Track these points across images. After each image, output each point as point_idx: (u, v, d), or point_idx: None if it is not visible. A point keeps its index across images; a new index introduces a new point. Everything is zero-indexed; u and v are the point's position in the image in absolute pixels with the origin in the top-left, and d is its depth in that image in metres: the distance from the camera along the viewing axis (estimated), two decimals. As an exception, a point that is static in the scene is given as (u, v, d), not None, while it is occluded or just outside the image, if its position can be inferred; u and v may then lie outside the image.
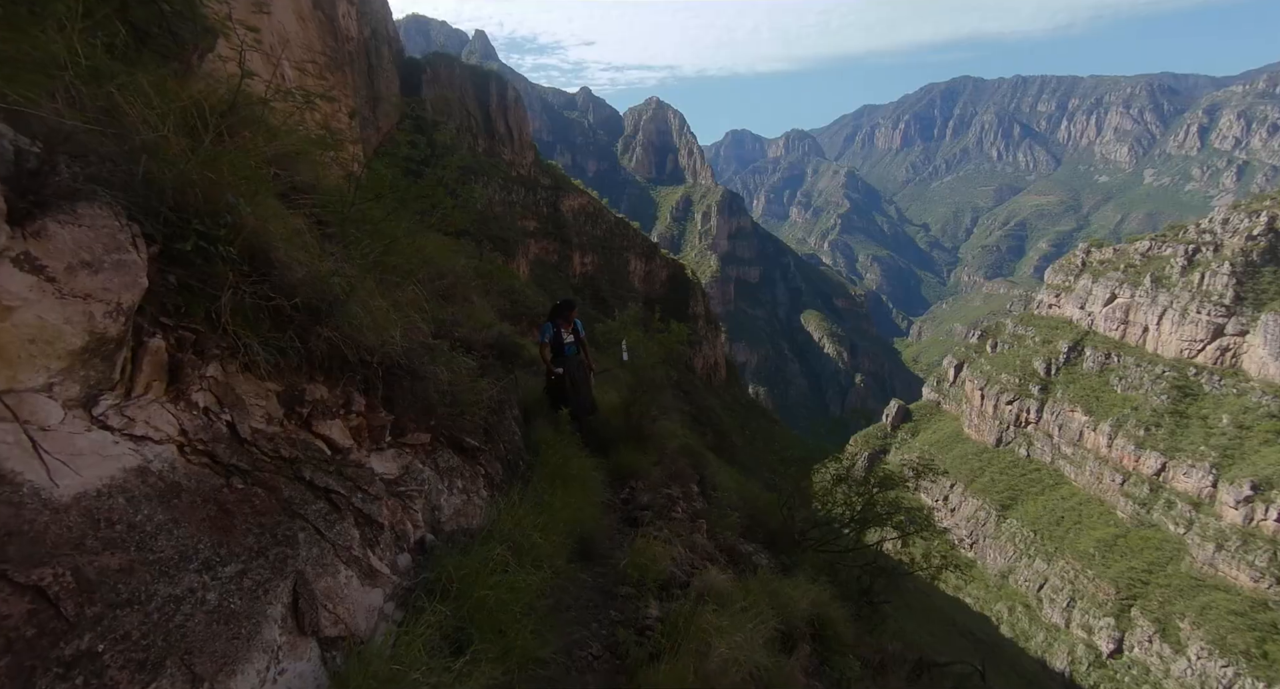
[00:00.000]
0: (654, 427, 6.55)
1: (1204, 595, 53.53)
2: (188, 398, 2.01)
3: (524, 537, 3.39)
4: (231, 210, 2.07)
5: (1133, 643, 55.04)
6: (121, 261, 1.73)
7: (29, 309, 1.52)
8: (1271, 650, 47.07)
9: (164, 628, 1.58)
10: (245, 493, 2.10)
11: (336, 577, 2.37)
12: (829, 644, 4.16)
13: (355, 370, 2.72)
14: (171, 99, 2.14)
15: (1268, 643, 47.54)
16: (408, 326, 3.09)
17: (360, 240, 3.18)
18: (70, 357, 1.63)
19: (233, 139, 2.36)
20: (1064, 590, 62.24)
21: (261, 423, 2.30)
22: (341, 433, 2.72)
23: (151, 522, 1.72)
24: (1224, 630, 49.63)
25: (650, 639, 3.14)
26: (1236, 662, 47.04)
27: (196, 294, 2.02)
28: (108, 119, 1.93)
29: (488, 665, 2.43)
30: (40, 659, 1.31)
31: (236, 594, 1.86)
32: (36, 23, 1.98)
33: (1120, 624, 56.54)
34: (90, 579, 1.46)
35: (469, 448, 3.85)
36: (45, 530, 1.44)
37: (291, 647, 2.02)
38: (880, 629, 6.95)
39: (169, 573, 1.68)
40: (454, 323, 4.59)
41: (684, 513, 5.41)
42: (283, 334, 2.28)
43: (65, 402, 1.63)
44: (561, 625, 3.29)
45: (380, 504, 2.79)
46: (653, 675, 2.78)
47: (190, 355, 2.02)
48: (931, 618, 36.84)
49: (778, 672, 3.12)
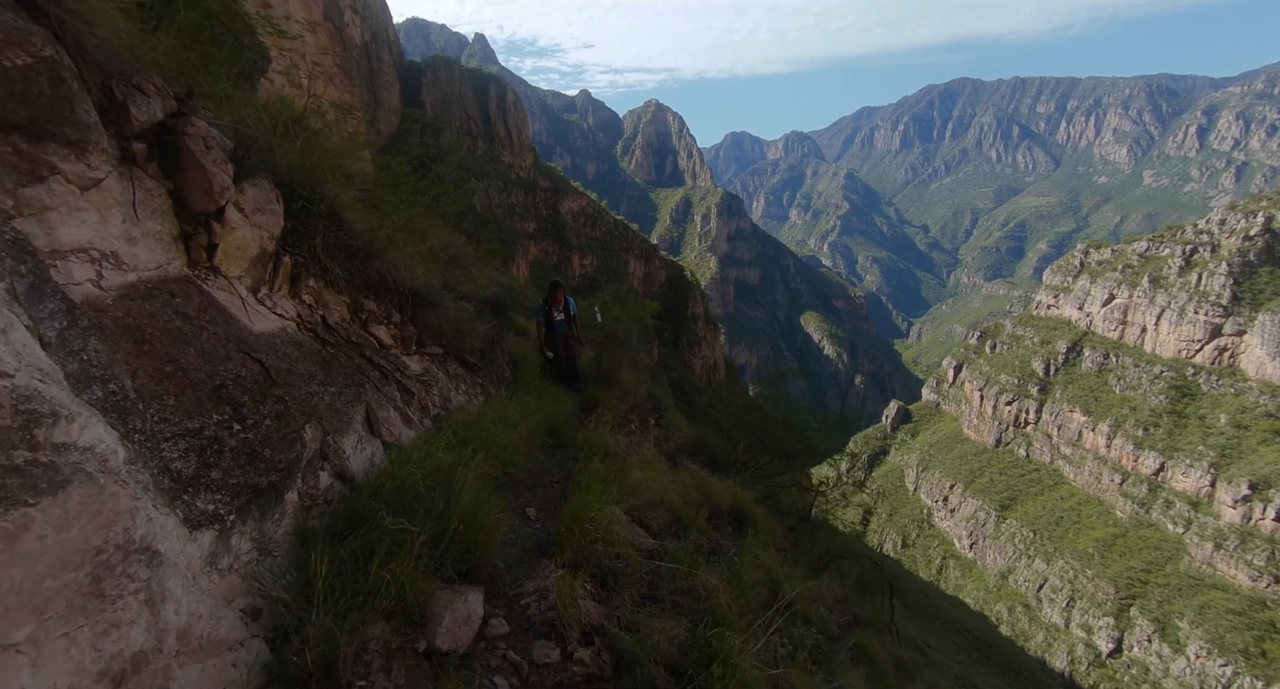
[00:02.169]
0: (619, 373, 7.58)
1: (1203, 594, 53.66)
2: (299, 297, 3.26)
3: (507, 415, 4.80)
4: (321, 186, 3.24)
5: (1132, 642, 55.14)
6: (273, 210, 2.90)
7: (238, 230, 2.69)
8: (1270, 649, 47.17)
9: (309, 403, 2.82)
10: (334, 355, 3.38)
11: (388, 413, 3.69)
12: (746, 529, 4.86)
13: (393, 295, 4.06)
14: (270, 111, 3.38)
15: (1266, 641, 47.64)
16: (426, 272, 4.44)
17: (390, 213, 4.44)
18: (250, 261, 2.84)
19: (305, 139, 3.36)
20: (1063, 590, 62.34)
21: (338, 319, 3.57)
22: (386, 335, 4.09)
23: (292, 354, 2.95)
24: (1223, 629, 49.74)
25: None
26: (1235, 660, 47.13)
27: (302, 235, 3.20)
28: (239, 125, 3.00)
29: (483, 456, 3.63)
30: (263, 395, 2.45)
31: (338, 401, 3.15)
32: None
33: (1119, 624, 56.67)
34: (273, 368, 2.65)
35: (470, 364, 5.40)
36: (255, 340, 2.68)
37: (368, 439, 3.39)
38: (811, 548, 7.40)
39: (305, 380, 2.92)
40: (456, 283, 5.91)
41: (636, 428, 6.49)
42: (350, 265, 3.56)
43: (248, 286, 2.85)
44: (533, 464, 4.66)
45: (412, 382, 4.19)
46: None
47: (301, 272, 3.23)
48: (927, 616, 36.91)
49: (685, 510, 3.96)
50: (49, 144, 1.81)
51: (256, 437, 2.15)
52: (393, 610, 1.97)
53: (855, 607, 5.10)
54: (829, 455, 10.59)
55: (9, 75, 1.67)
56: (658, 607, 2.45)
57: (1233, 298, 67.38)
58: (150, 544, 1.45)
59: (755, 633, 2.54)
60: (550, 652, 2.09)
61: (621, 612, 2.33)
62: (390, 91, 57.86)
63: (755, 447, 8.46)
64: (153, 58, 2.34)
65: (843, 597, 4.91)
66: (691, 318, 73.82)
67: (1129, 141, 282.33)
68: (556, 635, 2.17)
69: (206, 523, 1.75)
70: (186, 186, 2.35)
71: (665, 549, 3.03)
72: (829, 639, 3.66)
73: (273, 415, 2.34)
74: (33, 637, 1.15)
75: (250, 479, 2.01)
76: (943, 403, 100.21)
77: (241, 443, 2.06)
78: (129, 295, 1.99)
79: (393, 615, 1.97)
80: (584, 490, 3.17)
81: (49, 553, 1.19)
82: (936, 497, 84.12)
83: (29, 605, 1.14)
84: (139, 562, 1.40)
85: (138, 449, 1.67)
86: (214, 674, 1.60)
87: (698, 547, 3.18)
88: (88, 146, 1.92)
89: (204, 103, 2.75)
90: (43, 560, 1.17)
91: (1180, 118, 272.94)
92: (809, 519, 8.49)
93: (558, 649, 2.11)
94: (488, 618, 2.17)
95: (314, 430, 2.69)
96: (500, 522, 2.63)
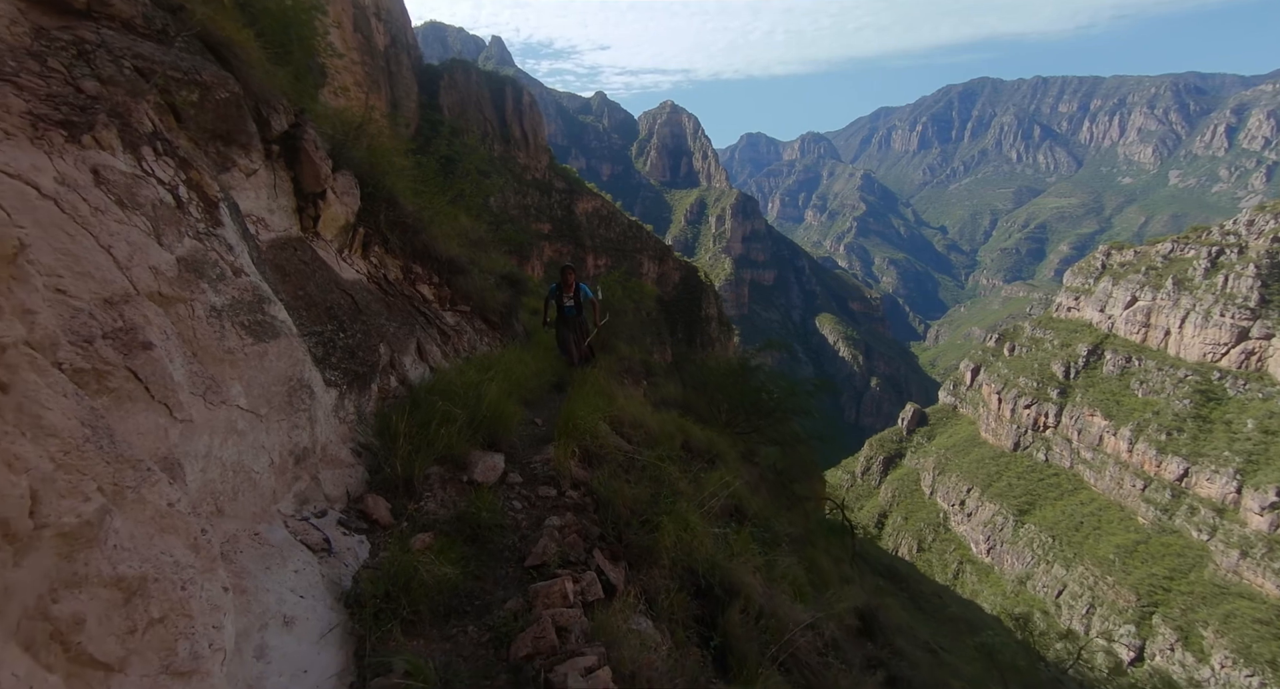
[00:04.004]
0: (616, 342, 8.79)
1: (1228, 603, 52.45)
2: (368, 258, 4.59)
3: (522, 358, 6.13)
4: (384, 177, 4.51)
5: (1154, 651, 54.05)
6: (354, 193, 4.17)
7: (333, 207, 3.86)
8: (1298, 659, 45.97)
9: (381, 329, 4.02)
10: (393, 302, 4.66)
11: (432, 348, 5.01)
12: (718, 466, 5.82)
13: (434, 262, 5.37)
14: (341, 119, 4.66)
15: (1293, 652, 46.43)
16: (457, 247, 5.96)
17: (427, 201, 5.84)
18: (339, 229, 4.08)
19: (368, 141, 4.69)
20: (1083, 597, 61.32)
21: (395, 276, 4.90)
22: (429, 292, 5.42)
23: (367, 296, 4.26)
24: (1249, 639, 48.59)
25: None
26: (1262, 671, 46.02)
27: (369, 213, 4.44)
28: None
29: (503, 379, 4.76)
30: (354, 318, 3.66)
31: (399, 332, 4.42)
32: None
33: (1141, 632, 55.57)
34: (359, 302, 3.87)
35: (492, 322, 6.82)
36: (345, 283, 3.97)
37: (419, 362, 4.66)
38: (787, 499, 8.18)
39: (377, 315, 4.14)
40: (479, 260, 7.30)
41: (629, 382, 7.71)
42: (403, 237, 4.85)
43: (336, 248, 4.13)
44: (541, 394, 5.85)
45: (448, 329, 5.55)
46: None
47: (370, 240, 4.51)
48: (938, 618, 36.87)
49: (662, 435, 4.96)
50: (233, 147, 2.84)
51: (353, 342, 3.17)
52: (444, 458, 2.97)
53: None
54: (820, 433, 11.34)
55: (217, 104, 2.70)
56: (630, 478, 3.37)
57: (1260, 300, 65.83)
58: (310, 384, 2.43)
59: (706, 505, 3.44)
60: (549, 491, 3.05)
61: (601, 478, 3.26)
62: (409, 95, 59.75)
63: (735, 406, 9.24)
64: (279, 86, 3.38)
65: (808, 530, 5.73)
66: (705, 319, 74.41)
67: (1154, 141, 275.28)
68: (554, 483, 3.12)
69: (333, 385, 2.74)
70: (302, 175, 3.38)
71: (640, 454, 3.95)
72: (781, 541, 4.51)
73: (361, 331, 3.37)
74: (265, 416, 2.13)
75: (352, 367, 3.02)
76: (960, 406, 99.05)
77: (345, 345, 3.07)
78: (273, 246, 3.02)
79: (444, 461, 2.96)
80: (577, 403, 4.11)
81: (272, 370, 2.16)
82: (953, 500, 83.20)
83: (263, 397, 2.12)
84: (306, 392, 2.39)
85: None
86: (341, 478, 2.59)
87: (668, 456, 4.08)
88: (251, 148, 2.94)
89: (308, 115, 3.78)
90: (270, 373, 2.16)
91: (1209, 117, 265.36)
92: (783, 473, 9.27)
93: (555, 490, 3.07)
94: (507, 472, 3.15)
95: (385, 348, 3.95)
96: (515, 413, 3.64)
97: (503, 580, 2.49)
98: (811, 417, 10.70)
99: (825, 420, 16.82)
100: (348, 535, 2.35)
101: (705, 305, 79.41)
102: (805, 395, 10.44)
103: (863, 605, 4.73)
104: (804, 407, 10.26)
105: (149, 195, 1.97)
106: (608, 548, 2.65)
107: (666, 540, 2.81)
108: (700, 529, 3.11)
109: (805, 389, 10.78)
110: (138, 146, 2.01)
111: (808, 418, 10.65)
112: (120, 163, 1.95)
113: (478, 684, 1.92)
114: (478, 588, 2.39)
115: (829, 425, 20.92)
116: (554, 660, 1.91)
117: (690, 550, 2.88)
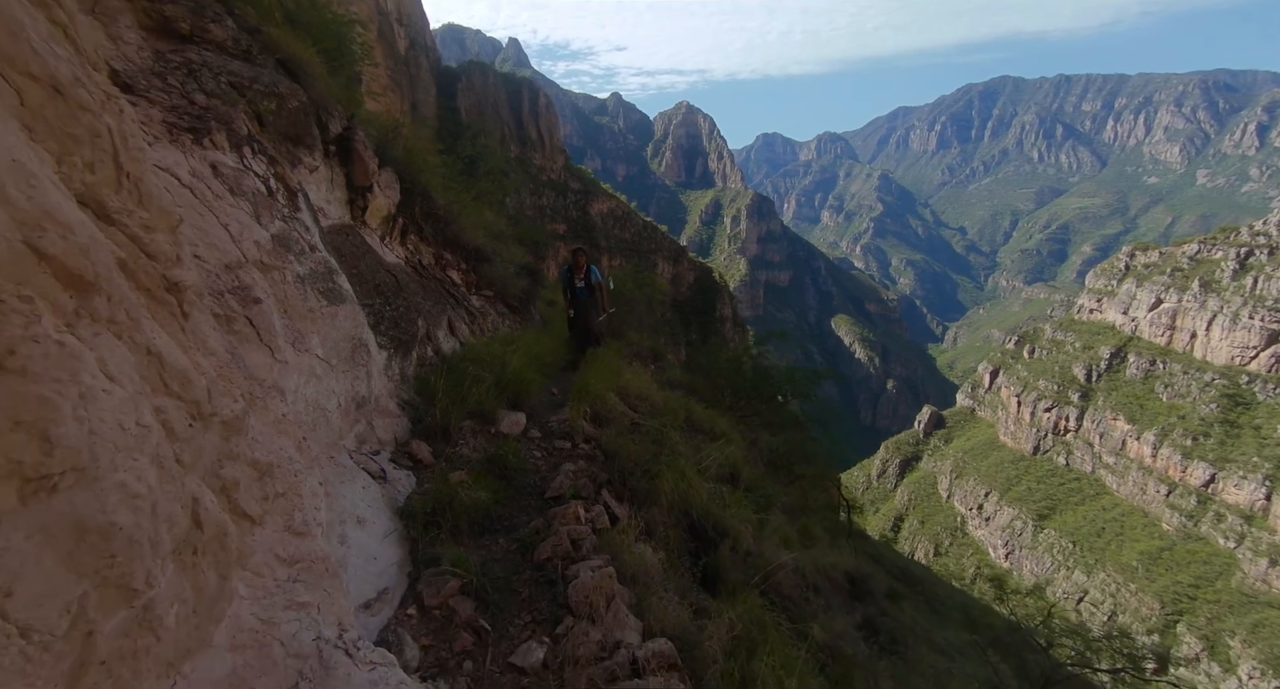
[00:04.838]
0: (623, 329, 9.39)
1: (1256, 613, 51.05)
2: (406, 245, 5.43)
3: (540, 337, 6.83)
4: (419, 173, 5.30)
5: (1178, 660, 52.75)
6: (395, 187, 5.10)
7: (378, 199, 4.81)
8: (1329, 671, 44.59)
9: (419, 305, 4.69)
10: (427, 284, 5.45)
11: (461, 326, 5.75)
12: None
13: (462, 250, 6.14)
14: (380, 121, 5.45)
15: (1324, 663, 45.06)
16: (482, 238, 6.87)
17: (454, 196, 6.51)
18: (382, 219, 5.07)
19: (404, 142, 5.32)
20: (1105, 604, 60.10)
21: (428, 262, 5.70)
22: (458, 277, 6.23)
23: (406, 277, 4.95)
24: (1278, 650, 47.24)
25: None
26: (1290, 682, 44.70)
27: (406, 205, 5.21)
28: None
29: (523, 350, 5.43)
30: (397, 294, 4.33)
31: (433, 310, 5.12)
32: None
33: (1165, 641, 54.28)
34: (401, 281, 4.58)
35: (513, 306, 7.57)
36: (389, 265, 4.69)
37: (449, 337, 5.39)
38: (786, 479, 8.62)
39: (414, 293, 4.85)
40: (500, 251, 8.11)
41: (638, 364, 8.06)
42: (435, 227, 5.66)
43: (379, 235, 5.07)
44: (557, 370, 6.39)
45: (475, 311, 6.26)
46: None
47: (407, 229, 5.30)
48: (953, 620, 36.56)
49: (666, 409, 5.38)
50: (300, 147, 3.37)
51: (397, 314, 3.70)
52: (474, 413, 3.49)
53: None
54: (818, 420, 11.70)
55: (289, 111, 3.23)
56: (634, 439, 3.83)
57: (1292, 302, 63.95)
58: (368, 344, 2.94)
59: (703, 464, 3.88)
60: (564, 444, 3.56)
61: (609, 435, 3.74)
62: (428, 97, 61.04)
63: (738, 391, 9.68)
64: (334, 94, 3.92)
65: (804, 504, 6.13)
66: (719, 319, 74.58)
67: (1182, 140, 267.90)
68: (569, 438, 3.62)
69: (382, 348, 3.26)
70: (353, 171, 3.92)
71: (645, 422, 4.42)
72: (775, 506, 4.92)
73: (403, 306, 3.90)
74: (334, 366, 2.64)
75: (397, 335, 3.54)
76: (978, 409, 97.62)
77: (391, 316, 3.60)
78: (331, 231, 3.55)
79: (475, 416, 3.48)
80: (590, 375, 4.61)
81: (341, 329, 2.67)
82: (971, 504, 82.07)
83: (334, 350, 2.62)
84: (365, 350, 2.90)
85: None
86: (390, 425, 3.10)
87: (671, 425, 4.53)
88: (314, 148, 3.47)
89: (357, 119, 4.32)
90: (340, 331, 2.67)
91: (1239, 115, 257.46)
92: (783, 453, 9.63)
93: (569, 443, 3.57)
94: (528, 427, 3.65)
95: (422, 322, 4.31)
96: (535, 381, 4.17)
97: (526, 508, 2.98)
98: (810, 400, 11.05)
99: (828, 407, 17.17)
100: (398, 469, 2.87)
101: (720, 306, 79.58)
102: (805, 380, 10.80)
103: (853, 569, 5.10)
104: (803, 391, 10.64)
105: (250, 185, 2.48)
106: (614, 490, 3.12)
107: (665, 486, 3.26)
108: (696, 482, 3.55)
109: (804, 375, 11.15)
110: (240, 146, 2.53)
111: (807, 402, 11.03)
112: (229, 159, 2.47)
113: (508, 576, 2.41)
114: (506, 513, 2.91)
115: (827, 410, 21.19)
116: (569, 561, 2.38)
117: (686, 497, 3.33)
